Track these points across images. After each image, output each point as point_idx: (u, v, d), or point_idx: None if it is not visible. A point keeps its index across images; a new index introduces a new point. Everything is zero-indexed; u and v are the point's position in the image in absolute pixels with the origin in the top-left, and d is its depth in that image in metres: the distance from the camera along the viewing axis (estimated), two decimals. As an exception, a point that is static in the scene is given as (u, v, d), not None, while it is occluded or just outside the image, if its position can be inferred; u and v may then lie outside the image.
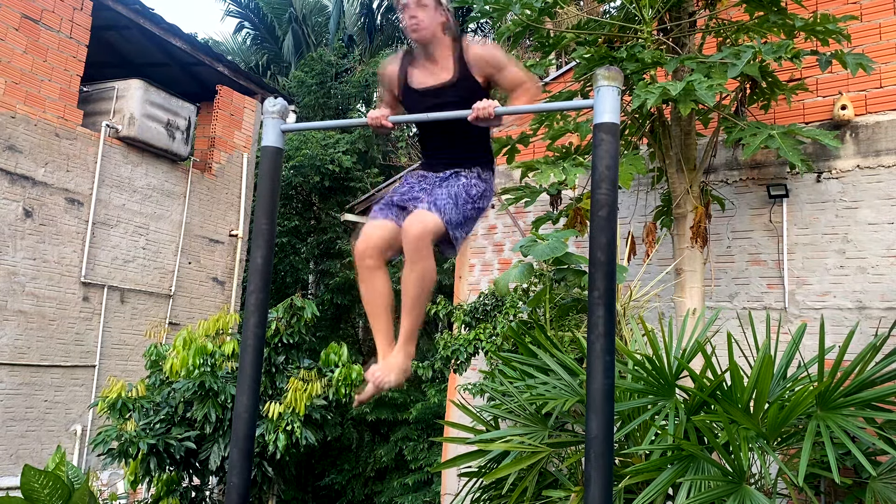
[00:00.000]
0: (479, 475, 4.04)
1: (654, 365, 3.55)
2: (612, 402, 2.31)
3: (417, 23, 2.79)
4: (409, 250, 2.65)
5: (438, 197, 2.74)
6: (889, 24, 6.26)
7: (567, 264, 4.76)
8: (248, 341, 2.76)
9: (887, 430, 3.43)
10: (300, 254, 14.34)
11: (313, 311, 6.01)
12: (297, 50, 20.46)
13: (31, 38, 8.54)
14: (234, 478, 2.67)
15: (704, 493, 3.13)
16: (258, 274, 2.79)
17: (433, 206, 2.70)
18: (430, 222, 2.65)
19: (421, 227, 2.63)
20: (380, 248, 2.77)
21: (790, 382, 3.70)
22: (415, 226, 2.64)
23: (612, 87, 2.45)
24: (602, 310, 2.33)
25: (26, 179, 8.41)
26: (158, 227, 10.08)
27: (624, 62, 4.97)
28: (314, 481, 12.18)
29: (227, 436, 5.55)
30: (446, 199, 2.73)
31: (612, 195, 2.40)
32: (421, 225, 2.64)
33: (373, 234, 2.78)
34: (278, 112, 2.87)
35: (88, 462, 8.61)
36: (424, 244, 2.64)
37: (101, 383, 8.74)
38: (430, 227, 2.64)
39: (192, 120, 10.46)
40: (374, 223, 2.81)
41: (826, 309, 6.10)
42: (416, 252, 2.64)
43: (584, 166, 5.08)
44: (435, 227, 2.65)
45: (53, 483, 4.17)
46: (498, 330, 6.16)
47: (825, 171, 6.34)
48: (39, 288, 8.49)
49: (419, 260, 2.65)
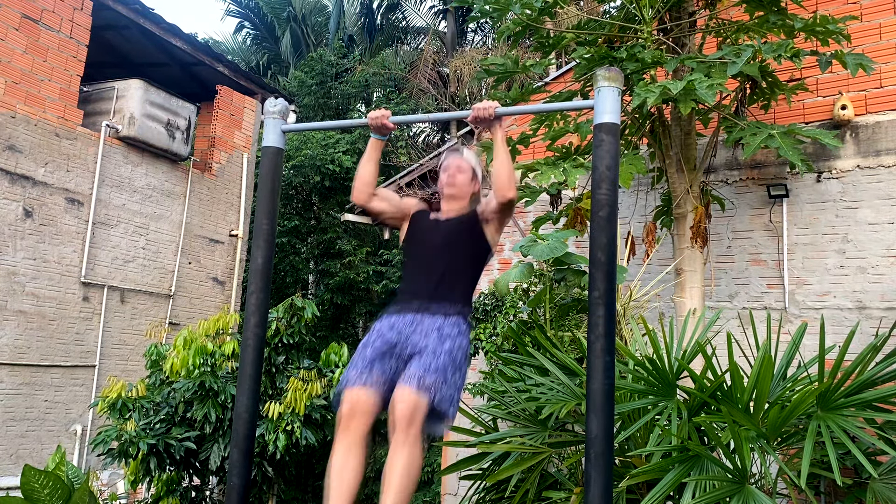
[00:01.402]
0: (481, 477, 4.04)
1: (655, 365, 3.55)
2: (613, 402, 2.32)
3: (455, 184, 3.03)
4: (398, 431, 2.55)
5: (426, 369, 2.61)
6: (889, 24, 6.26)
7: (567, 264, 4.76)
8: (248, 341, 2.77)
9: (888, 431, 3.43)
10: (300, 254, 14.35)
11: (313, 311, 6.00)
12: (297, 50, 20.46)
13: (31, 38, 8.54)
14: (234, 478, 2.67)
15: (709, 493, 3.13)
16: (258, 274, 2.79)
17: (421, 384, 2.59)
18: (418, 404, 2.55)
19: (410, 409, 2.54)
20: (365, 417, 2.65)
21: (790, 382, 3.70)
22: (401, 404, 2.55)
23: (613, 87, 2.45)
24: (602, 310, 2.33)
25: (26, 179, 8.41)
26: (158, 227, 10.08)
27: (624, 62, 4.97)
28: (314, 481, 12.17)
29: (227, 436, 5.55)
30: (434, 374, 2.61)
31: (613, 195, 2.40)
32: (410, 406, 2.54)
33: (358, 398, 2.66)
34: (279, 112, 2.87)
35: (88, 462, 8.61)
36: (413, 426, 2.54)
37: (101, 383, 8.74)
38: (420, 408, 2.55)
39: (192, 120, 10.46)
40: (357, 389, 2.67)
41: (826, 309, 6.10)
42: (404, 434, 2.53)
43: (585, 166, 5.08)
44: (424, 408, 2.56)
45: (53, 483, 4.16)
46: (498, 330, 6.16)
47: (825, 171, 6.34)
48: (39, 288, 8.49)
49: (405, 443, 2.52)
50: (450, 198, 3.05)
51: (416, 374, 2.61)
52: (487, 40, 19.21)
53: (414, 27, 20.61)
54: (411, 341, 2.74)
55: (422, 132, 19.05)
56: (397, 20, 20.59)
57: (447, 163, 3.09)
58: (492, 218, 2.95)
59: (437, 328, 2.75)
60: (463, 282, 2.91)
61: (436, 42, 18.90)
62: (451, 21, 18.76)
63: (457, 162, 3.07)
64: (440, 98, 16.82)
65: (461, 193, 3.04)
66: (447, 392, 2.63)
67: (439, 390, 2.60)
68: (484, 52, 16.31)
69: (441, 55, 18.66)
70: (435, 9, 20.23)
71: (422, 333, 2.75)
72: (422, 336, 2.74)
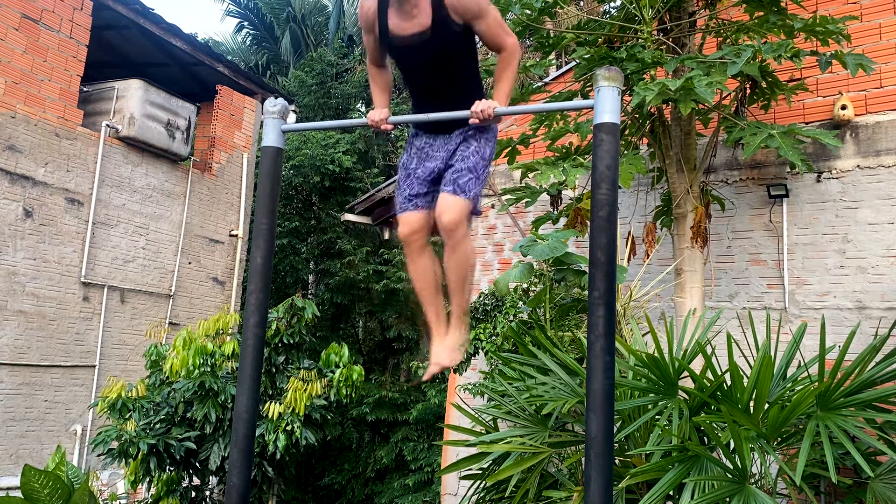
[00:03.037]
0: (481, 477, 4.04)
1: (656, 363, 3.55)
2: (613, 401, 2.32)
3: None
4: (447, 236, 2.80)
5: (459, 174, 2.80)
6: (889, 24, 6.25)
7: (567, 264, 4.76)
8: (248, 341, 2.77)
9: (887, 431, 3.43)
10: (300, 254, 14.34)
11: (313, 311, 6.00)
12: (297, 50, 20.46)
13: (31, 38, 8.54)
14: (234, 478, 2.67)
15: (709, 493, 3.13)
16: (258, 274, 2.79)
17: (457, 187, 2.78)
18: (461, 206, 2.76)
19: (453, 214, 2.75)
20: (422, 231, 2.93)
21: (790, 383, 3.70)
22: (447, 213, 2.76)
23: (612, 87, 2.45)
24: (602, 310, 2.33)
25: (26, 179, 8.41)
26: (158, 227, 10.08)
27: (624, 62, 4.97)
28: (314, 481, 12.18)
29: (227, 436, 5.55)
30: (468, 177, 2.80)
31: (612, 195, 2.40)
32: (452, 212, 2.76)
33: (411, 219, 2.92)
34: (279, 112, 2.87)
35: (88, 462, 8.61)
36: (461, 228, 2.79)
37: (101, 383, 8.74)
38: (461, 211, 2.76)
39: (192, 120, 10.46)
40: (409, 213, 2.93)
41: (826, 309, 6.10)
42: (452, 236, 2.79)
43: (584, 166, 5.08)
44: (466, 209, 2.78)
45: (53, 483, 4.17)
46: (498, 330, 6.16)
47: (825, 171, 6.34)
48: (39, 288, 8.48)
49: (457, 243, 2.80)
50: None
51: (451, 180, 2.80)
52: None
53: (414, 27, 20.57)
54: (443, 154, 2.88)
55: (422, 132, 19.00)
56: (397, 20, 20.55)
57: None
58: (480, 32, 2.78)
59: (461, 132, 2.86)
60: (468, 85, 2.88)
61: (436, 42, 18.85)
62: (451, 21, 18.72)
63: None
64: (440, 98, 16.77)
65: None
66: (478, 186, 2.83)
67: (474, 188, 2.80)
68: (484, 53, 16.30)
69: (441, 55, 18.61)
70: (435, 9, 20.20)
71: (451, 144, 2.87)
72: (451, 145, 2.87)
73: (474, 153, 2.85)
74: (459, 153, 2.86)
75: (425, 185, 2.93)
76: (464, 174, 2.80)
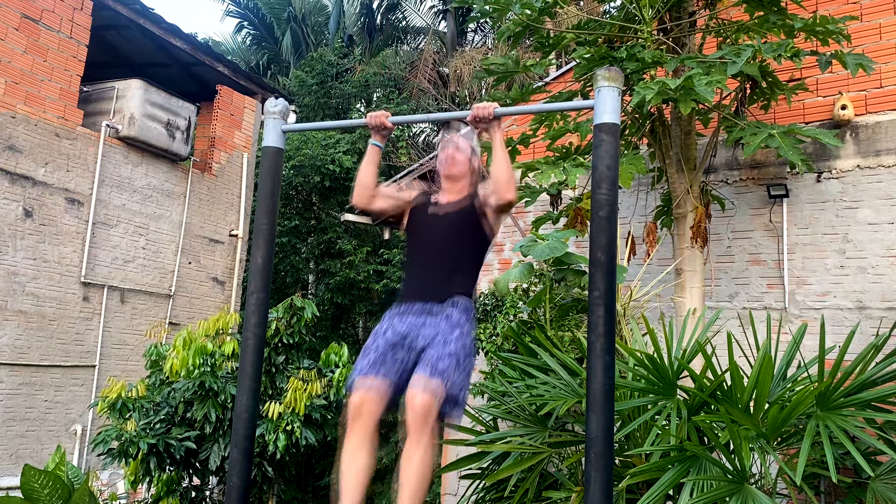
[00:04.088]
0: (481, 477, 4.04)
1: (655, 363, 3.55)
2: (613, 401, 2.32)
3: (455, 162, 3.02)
4: (414, 425, 2.57)
5: (439, 358, 2.65)
6: (889, 24, 6.25)
7: (567, 264, 4.76)
8: (248, 341, 2.77)
9: (887, 431, 3.43)
10: (300, 254, 14.34)
11: (313, 311, 6.00)
12: (297, 50, 20.46)
13: (31, 38, 8.54)
14: (234, 478, 2.67)
15: (707, 493, 3.13)
16: (258, 274, 2.79)
17: (435, 371, 2.62)
18: (435, 391, 2.59)
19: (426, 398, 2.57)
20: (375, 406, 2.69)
21: (790, 383, 3.70)
22: (419, 396, 2.57)
23: (613, 87, 2.45)
24: (602, 310, 2.33)
25: (26, 179, 8.41)
26: (158, 227, 10.08)
27: (624, 62, 4.97)
28: (314, 481, 12.17)
29: (227, 436, 5.55)
30: (448, 361, 2.65)
31: (613, 195, 2.40)
32: (426, 395, 2.57)
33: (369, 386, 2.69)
34: (279, 112, 2.87)
35: (88, 462, 8.61)
36: (430, 416, 2.58)
37: (101, 383, 8.74)
38: (435, 396, 2.58)
39: (192, 120, 10.46)
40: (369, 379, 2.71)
41: (826, 309, 6.10)
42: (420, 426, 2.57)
43: (585, 166, 5.08)
44: (440, 396, 2.60)
45: (53, 483, 4.17)
46: (498, 330, 6.15)
47: (825, 171, 6.34)
48: (39, 288, 8.48)
49: (422, 437, 2.57)
50: (449, 178, 3.04)
51: (429, 362, 2.65)
52: (487, 40, 19.21)
53: (414, 27, 20.61)
54: (422, 333, 2.77)
55: (422, 132, 19.05)
56: (397, 20, 20.60)
57: (445, 142, 3.10)
58: (490, 215, 2.96)
59: (447, 317, 2.78)
60: (465, 274, 2.93)
61: (436, 42, 18.90)
62: (451, 21, 18.76)
63: (455, 140, 3.08)
64: (440, 98, 16.82)
65: (460, 172, 3.02)
66: (459, 378, 2.67)
67: (452, 376, 2.64)
68: (484, 52, 16.31)
69: (441, 55, 18.66)
70: (435, 9, 20.24)
71: (431, 325, 2.77)
72: (432, 327, 2.77)
73: (457, 340, 2.71)
74: (442, 335, 2.72)
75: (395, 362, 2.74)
76: (444, 359, 2.65)
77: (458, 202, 3.00)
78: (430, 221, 2.98)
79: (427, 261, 2.95)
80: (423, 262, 2.97)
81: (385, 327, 2.84)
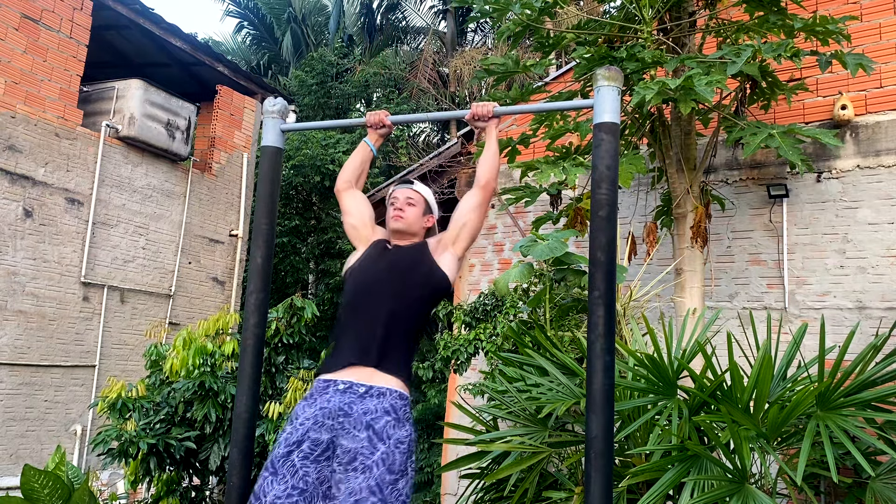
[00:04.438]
0: (480, 476, 4.04)
1: (655, 363, 3.55)
2: (612, 402, 2.31)
3: (403, 216, 2.71)
4: None
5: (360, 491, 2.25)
6: (889, 24, 6.25)
7: (567, 264, 4.76)
8: (248, 341, 2.77)
9: (887, 431, 3.43)
10: (300, 254, 14.35)
11: (313, 311, 6.00)
12: (297, 50, 20.47)
13: (31, 38, 8.54)
14: (234, 478, 2.67)
15: (708, 493, 3.13)
16: (258, 274, 2.79)
17: None
18: None
19: None
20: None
21: (790, 383, 3.70)
22: None
23: (612, 87, 2.45)
24: (602, 310, 2.33)
25: (26, 179, 8.41)
26: (158, 227, 10.08)
27: (624, 62, 4.97)
28: (314, 481, 12.17)
29: (227, 436, 5.55)
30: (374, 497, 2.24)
31: (613, 195, 2.40)
32: None
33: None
34: (278, 112, 2.87)
35: (88, 462, 8.61)
36: None
37: (101, 383, 8.75)
38: None
39: (192, 120, 10.47)
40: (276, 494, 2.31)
41: (826, 309, 6.10)
42: None
43: (585, 166, 5.07)
44: None
45: (53, 483, 4.16)
46: (498, 330, 6.15)
47: (825, 171, 6.34)
48: (39, 288, 8.48)
49: None
50: (397, 233, 2.71)
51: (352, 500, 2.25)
52: (487, 40, 19.22)
53: (414, 27, 20.62)
54: (342, 444, 2.35)
55: (422, 132, 19.06)
56: (397, 20, 20.60)
57: (396, 194, 2.75)
58: (454, 238, 2.67)
59: (368, 425, 2.34)
60: (404, 337, 2.52)
61: (436, 42, 18.90)
62: (451, 21, 18.77)
63: (406, 193, 2.75)
64: (440, 98, 16.82)
65: (410, 228, 2.71)
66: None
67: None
68: (484, 52, 16.31)
69: (441, 55, 18.66)
70: (435, 9, 20.25)
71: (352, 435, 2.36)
72: (352, 438, 2.35)
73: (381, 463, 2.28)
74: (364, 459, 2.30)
75: (310, 464, 2.34)
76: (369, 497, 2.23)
77: (411, 245, 2.73)
78: (374, 256, 2.69)
79: (359, 314, 2.55)
80: (355, 316, 2.56)
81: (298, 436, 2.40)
